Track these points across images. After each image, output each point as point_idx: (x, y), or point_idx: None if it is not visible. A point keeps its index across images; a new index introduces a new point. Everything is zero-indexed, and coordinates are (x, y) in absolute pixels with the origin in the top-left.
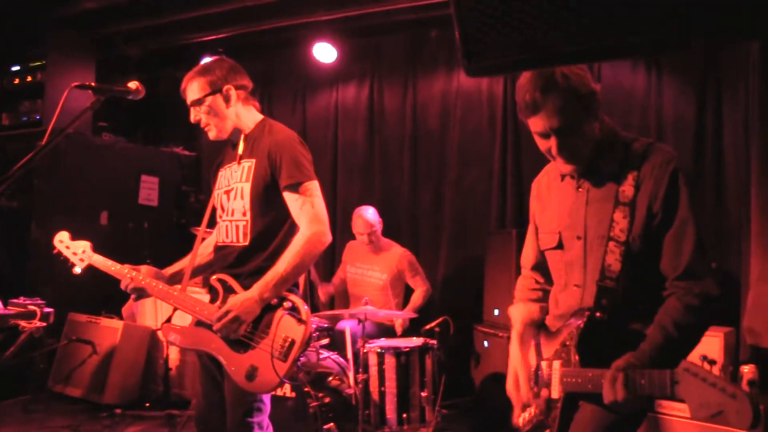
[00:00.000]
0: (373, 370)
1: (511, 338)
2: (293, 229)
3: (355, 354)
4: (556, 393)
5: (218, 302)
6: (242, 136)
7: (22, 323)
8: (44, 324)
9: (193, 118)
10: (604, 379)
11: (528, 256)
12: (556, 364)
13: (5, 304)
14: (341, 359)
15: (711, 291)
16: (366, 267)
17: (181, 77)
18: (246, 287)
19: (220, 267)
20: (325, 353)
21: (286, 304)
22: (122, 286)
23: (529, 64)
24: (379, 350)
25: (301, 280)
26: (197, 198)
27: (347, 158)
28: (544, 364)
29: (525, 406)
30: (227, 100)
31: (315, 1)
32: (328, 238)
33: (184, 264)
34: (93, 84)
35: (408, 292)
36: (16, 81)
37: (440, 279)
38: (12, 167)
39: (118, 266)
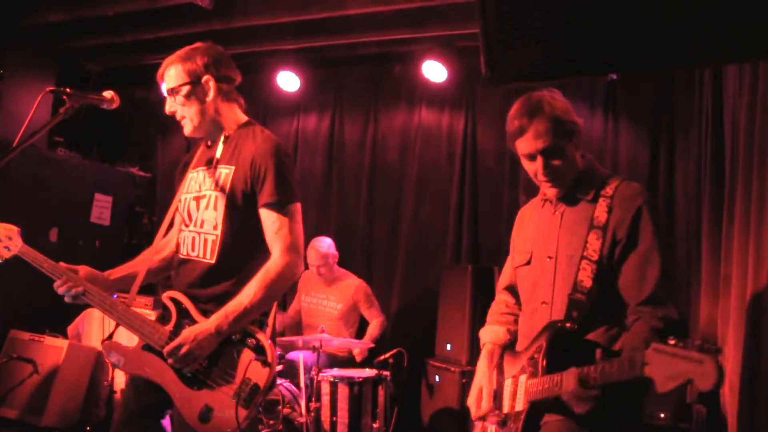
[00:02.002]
0: (326, 399)
1: (481, 356)
2: (268, 254)
3: (308, 382)
4: (520, 405)
5: (170, 326)
6: (222, 137)
7: None
8: None
9: (167, 108)
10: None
11: (504, 278)
12: (522, 378)
13: None
14: (293, 387)
15: (673, 315)
16: (321, 296)
17: (141, 97)
18: (203, 312)
19: (179, 284)
20: (277, 380)
21: (251, 342)
22: (57, 287)
23: (550, 74)
24: (332, 379)
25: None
26: (150, 219)
27: (304, 188)
28: (509, 381)
29: (482, 419)
30: (206, 92)
31: (282, 30)
32: (301, 269)
33: (130, 269)
34: (68, 90)
35: (362, 324)
36: None
37: (393, 312)
38: None
39: (52, 263)
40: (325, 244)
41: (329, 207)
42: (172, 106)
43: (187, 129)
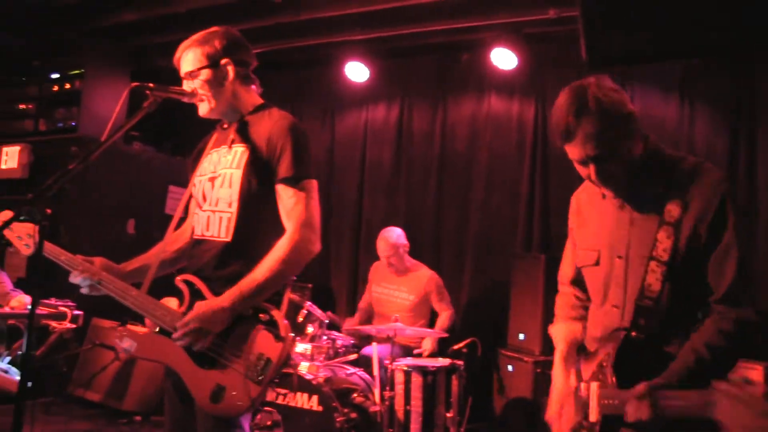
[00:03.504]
0: (399, 388)
1: (555, 361)
2: (283, 232)
3: (382, 371)
4: (593, 416)
5: (183, 307)
6: (238, 118)
7: (53, 324)
8: (74, 326)
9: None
10: (631, 396)
11: (566, 272)
12: (594, 386)
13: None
14: (367, 376)
15: (748, 317)
16: (393, 287)
17: None
18: (217, 294)
19: (193, 266)
20: (351, 369)
21: (263, 317)
22: (72, 279)
23: (648, 58)
24: (405, 368)
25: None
26: None
27: (374, 178)
28: (582, 385)
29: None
30: (224, 75)
31: (350, 21)
32: (317, 246)
33: (144, 261)
34: (151, 85)
35: (433, 317)
36: (55, 88)
37: (463, 302)
38: (47, 171)
39: (69, 255)
40: (394, 234)
41: (398, 197)
42: (189, 89)
43: (203, 110)
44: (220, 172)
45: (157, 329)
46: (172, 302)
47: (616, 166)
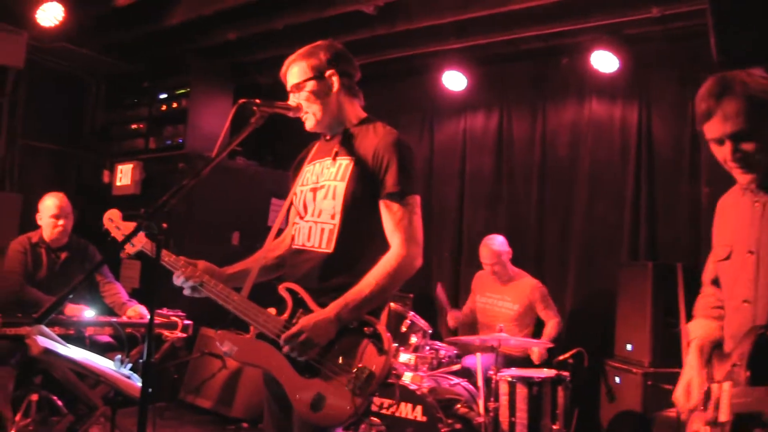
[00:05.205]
0: (504, 399)
1: (690, 350)
2: (385, 246)
3: (486, 382)
4: (724, 416)
5: (286, 314)
6: (342, 130)
7: (165, 333)
8: (185, 335)
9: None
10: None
11: (708, 271)
12: (726, 385)
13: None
14: (471, 386)
15: None
16: (497, 297)
17: None
18: (321, 305)
19: (292, 276)
20: (454, 379)
21: (367, 330)
22: (175, 280)
23: None
24: (510, 379)
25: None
26: None
27: (474, 187)
28: (715, 386)
29: (692, 412)
30: (330, 86)
31: (445, 30)
32: (420, 262)
33: (245, 265)
34: (258, 101)
35: (537, 327)
36: (163, 108)
37: (568, 311)
38: (157, 186)
39: (173, 257)
40: (497, 241)
41: (499, 206)
42: (295, 101)
43: (309, 123)
44: (323, 183)
45: (257, 334)
46: (270, 310)
47: (754, 147)
